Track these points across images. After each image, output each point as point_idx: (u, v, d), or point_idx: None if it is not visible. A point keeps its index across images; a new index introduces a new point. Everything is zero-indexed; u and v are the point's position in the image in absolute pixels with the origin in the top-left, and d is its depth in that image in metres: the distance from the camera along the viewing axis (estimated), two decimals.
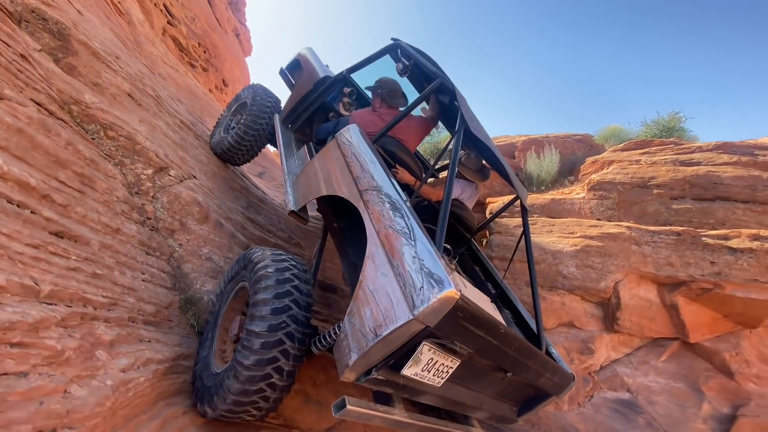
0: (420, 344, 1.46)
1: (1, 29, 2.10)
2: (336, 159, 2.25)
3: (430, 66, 2.56)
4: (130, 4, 6.50)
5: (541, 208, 4.55)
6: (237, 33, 12.40)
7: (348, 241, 2.35)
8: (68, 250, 1.60)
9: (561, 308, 3.65)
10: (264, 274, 1.83)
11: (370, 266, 1.64)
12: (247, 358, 1.62)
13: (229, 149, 3.52)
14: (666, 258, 3.64)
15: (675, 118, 6.97)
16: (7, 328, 0.97)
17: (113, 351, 1.52)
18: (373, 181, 1.95)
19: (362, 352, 1.45)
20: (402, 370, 1.50)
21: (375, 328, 1.46)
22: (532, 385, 2.19)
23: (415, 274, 1.46)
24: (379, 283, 1.56)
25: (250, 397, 1.65)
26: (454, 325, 1.47)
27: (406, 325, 1.39)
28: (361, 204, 1.90)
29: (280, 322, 1.68)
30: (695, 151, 4.99)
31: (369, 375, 1.49)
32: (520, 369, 1.93)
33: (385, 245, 1.64)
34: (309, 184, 2.43)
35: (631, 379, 3.63)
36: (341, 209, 2.44)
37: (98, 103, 2.43)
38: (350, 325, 1.57)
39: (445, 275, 1.42)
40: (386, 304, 1.47)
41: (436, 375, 1.63)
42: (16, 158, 1.60)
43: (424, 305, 1.35)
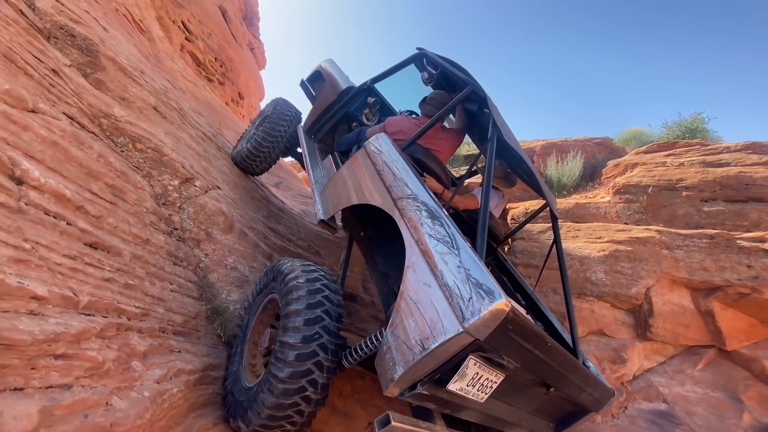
0: (466, 358, 1.39)
1: (33, 45, 2.16)
2: (366, 168, 2.22)
3: (459, 74, 2.52)
4: (150, 21, 6.69)
5: (566, 212, 4.45)
6: (251, 47, 12.65)
7: (376, 249, 2.32)
8: (102, 261, 1.60)
9: (590, 316, 3.53)
10: (295, 285, 1.80)
11: (411, 276, 1.59)
12: (281, 371, 1.59)
13: (247, 157, 3.56)
14: (699, 262, 3.50)
15: (697, 118, 6.79)
16: (52, 340, 0.96)
17: (147, 362, 1.50)
18: (407, 189, 1.91)
19: (408, 365, 1.39)
20: (447, 384, 1.43)
21: (422, 341, 1.39)
22: (572, 401, 2.10)
23: (462, 285, 1.40)
24: (422, 294, 1.50)
25: (285, 411, 1.61)
26: (502, 339, 1.41)
27: (456, 338, 1.32)
28: (396, 212, 1.86)
29: (314, 333, 1.65)
30: (723, 151, 4.84)
31: (413, 390, 1.43)
32: (563, 384, 1.86)
33: (426, 255, 1.59)
34: (338, 193, 2.41)
35: (667, 389, 3.48)
36: (368, 218, 2.43)
37: (126, 116, 2.47)
38: (393, 337, 1.51)
39: (494, 285, 1.36)
40: (432, 315, 1.41)
41: (480, 390, 1.57)
42: (52, 170, 1.62)
43: (475, 317, 1.29)
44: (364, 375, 2.77)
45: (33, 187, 1.44)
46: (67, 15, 2.73)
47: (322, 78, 3.77)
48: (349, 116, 3.52)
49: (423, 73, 2.83)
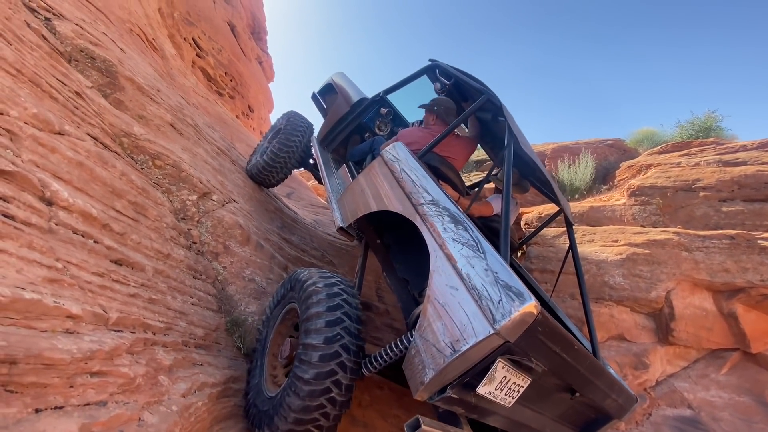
0: (495, 361, 1.40)
1: (57, 69, 2.24)
2: (384, 176, 2.24)
3: (473, 83, 2.56)
4: (163, 40, 6.88)
5: (580, 216, 4.41)
6: (260, 60, 12.87)
7: (394, 257, 2.35)
8: (127, 277, 1.64)
9: (609, 321, 3.48)
10: (314, 290, 1.85)
11: (437, 280, 1.59)
12: (306, 372, 1.62)
13: (263, 170, 3.62)
14: (720, 264, 3.43)
15: (711, 117, 6.67)
16: (88, 358, 0.99)
17: (173, 376, 1.53)
18: (427, 195, 1.93)
19: (439, 368, 1.40)
20: (477, 388, 1.43)
21: (452, 344, 1.39)
22: (596, 407, 2.08)
23: (491, 287, 1.41)
24: (449, 298, 1.51)
25: (311, 414, 1.62)
26: (532, 341, 1.42)
27: (487, 341, 1.33)
28: (417, 218, 1.88)
29: (335, 334, 1.68)
30: (739, 150, 4.75)
31: (443, 393, 1.43)
32: (588, 389, 1.85)
33: (451, 259, 1.59)
34: (356, 201, 2.43)
35: (692, 394, 3.40)
36: (384, 225, 2.46)
37: (145, 134, 2.54)
38: (422, 340, 1.51)
39: (523, 288, 1.37)
40: (461, 318, 1.42)
41: (507, 394, 1.56)
42: (79, 190, 1.67)
43: (506, 319, 1.30)
44: (382, 385, 2.76)
45: (62, 208, 1.48)
46: (87, 38, 2.82)
47: (333, 91, 3.84)
48: (361, 127, 3.57)
49: (436, 83, 2.87)
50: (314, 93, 4.13)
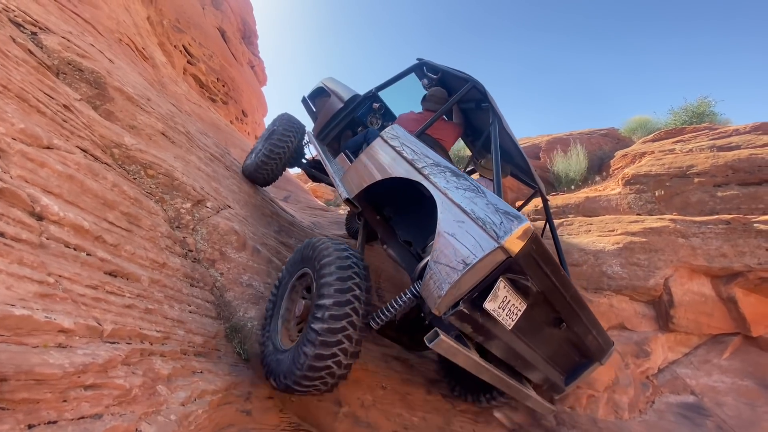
0: (498, 279, 1.63)
1: (44, 83, 2.23)
2: (385, 151, 2.49)
3: (458, 74, 2.84)
4: (153, 48, 6.86)
5: (576, 207, 4.41)
6: (252, 65, 12.85)
7: (396, 224, 2.60)
8: (122, 288, 1.64)
9: (609, 310, 3.48)
10: (327, 252, 2.06)
11: (445, 218, 1.83)
12: (321, 326, 1.81)
13: (257, 168, 3.78)
14: (717, 249, 3.44)
15: (704, 102, 6.67)
16: (81, 371, 0.99)
17: (172, 385, 1.53)
18: (428, 159, 2.20)
19: (453, 281, 1.61)
20: (483, 303, 1.65)
21: (464, 260, 1.61)
22: (580, 347, 2.38)
23: (493, 215, 1.67)
24: (457, 229, 1.74)
25: (325, 362, 1.81)
26: (528, 259, 1.65)
27: (492, 254, 1.56)
28: (422, 178, 2.11)
29: (348, 287, 1.89)
30: (732, 134, 4.76)
31: (456, 308, 1.63)
32: (573, 320, 2.12)
33: (456, 203, 1.85)
34: (360, 175, 2.61)
35: (694, 380, 3.41)
36: (383, 201, 2.72)
37: (137, 144, 2.53)
38: (436, 265, 1.73)
39: (519, 213, 1.62)
40: (469, 240, 1.65)
41: (508, 315, 1.79)
42: (69, 203, 1.67)
43: (508, 234, 1.55)
44: (385, 384, 2.77)
45: (53, 222, 1.48)
46: (74, 50, 2.81)
47: (323, 94, 4.07)
48: (354, 123, 3.78)
49: (423, 80, 3.17)
50: (304, 97, 4.35)
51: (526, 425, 3.02)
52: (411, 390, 2.91)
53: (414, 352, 3.02)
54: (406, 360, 3.36)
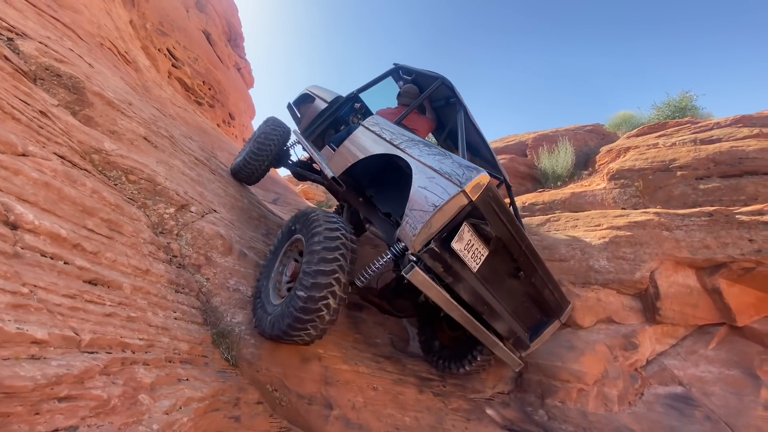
0: (463, 223, 1.94)
1: (19, 89, 2.18)
2: (367, 136, 2.79)
3: (429, 73, 3.25)
4: (136, 52, 6.76)
5: (562, 203, 4.45)
6: (238, 67, 12.75)
7: (377, 200, 2.86)
8: (103, 297, 1.61)
9: (597, 304, 3.52)
10: (318, 220, 2.30)
11: (418, 177, 2.12)
12: (312, 277, 2.05)
13: (243, 167, 4.03)
14: (701, 240, 3.49)
15: (686, 97, 6.79)
16: (54, 383, 0.97)
17: (155, 393, 1.50)
18: (404, 136, 2.51)
19: (425, 220, 1.90)
20: (451, 242, 1.93)
21: (433, 203, 1.91)
22: (539, 301, 2.66)
23: (458, 169, 2.00)
24: (428, 182, 2.04)
25: (311, 315, 2.05)
26: (486, 206, 1.97)
27: (457, 197, 1.88)
28: (399, 152, 2.39)
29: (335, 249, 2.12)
30: (713, 127, 4.84)
31: (428, 245, 1.90)
32: (530, 270, 2.40)
33: (427, 165, 2.14)
34: (344, 157, 2.87)
35: (682, 371, 3.45)
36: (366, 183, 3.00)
37: (117, 149, 2.49)
38: (411, 212, 2.01)
39: (480, 168, 1.96)
40: (437, 189, 1.96)
41: (473, 258, 2.07)
42: (46, 211, 1.64)
43: (469, 181, 1.89)
44: (376, 385, 2.76)
45: (28, 230, 1.45)
46: (52, 55, 2.76)
47: (308, 100, 4.38)
48: (338, 121, 4.00)
49: (399, 82, 3.61)
50: (290, 103, 4.62)
51: (518, 421, 3.04)
52: (403, 390, 2.91)
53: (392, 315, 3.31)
54: (399, 360, 3.36)
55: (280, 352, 2.47)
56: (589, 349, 3.24)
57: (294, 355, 2.51)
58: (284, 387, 2.38)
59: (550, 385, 3.09)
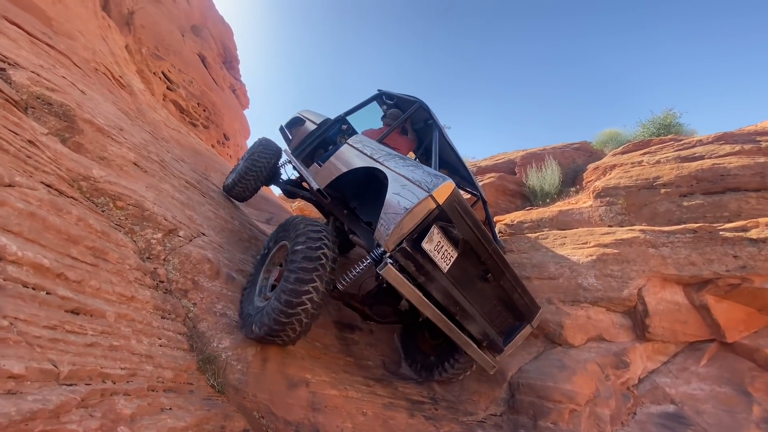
0: (432, 226, 2.11)
1: (9, 119, 2.21)
2: (350, 152, 3.01)
3: (409, 97, 3.59)
4: (131, 76, 6.87)
5: (550, 221, 4.49)
6: (233, 89, 12.93)
7: (360, 211, 3.00)
8: (84, 326, 1.60)
9: (587, 322, 3.52)
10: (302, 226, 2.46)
11: (393, 185, 2.30)
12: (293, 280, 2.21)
13: (234, 185, 4.19)
14: (686, 257, 3.53)
15: (669, 114, 6.95)
16: (29, 419, 0.96)
17: (135, 425, 1.49)
18: (383, 151, 2.73)
19: (397, 222, 2.06)
20: (422, 242, 2.10)
21: (405, 207, 2.09)
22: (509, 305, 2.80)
23: (427, 176, 2.21)
24: (401, 189, 2.23)
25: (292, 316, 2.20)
26: (452, 211, 2.15)
27: (425, 201, 2.07)
28: (377, 164, 2.59)
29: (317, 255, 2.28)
30: (696, 145, 4.95)
31: (400, 245, 2.07)
32: (498, 273, 2.55)
33: (401, 173, 2.35)
34: (330, 170, 3.08)
35: (673, 389, 3.44)
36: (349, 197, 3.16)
37: (106, 176, 2.52)
38: (385, 215, 2.18)
39: (446, 176, 2.18)
40: (408, 195, 2.15)
41: (443, 258, 2.23)
42: (29, 241, 1.65)
43: (436, 188, 2.09)
44: (366, 410, 2.73)
45: (11, 262, 1.46)
46: (43, 84, 2.81)
47: (298, 123, 4.61)
48: (326, 141, 4.21)
49: (383, 106, 3.96)
50: (281, 126, 4.84)
51: None
52: (393, 414, 2.88)
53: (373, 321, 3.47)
54: (390, 383, 3.33)
55: (267, 377, 2.44)
56: (581, 369, 3.23)
57: (281, 380, 2.49)
58: (271, 414, 2.35)
59: (543, 406, 3.07)
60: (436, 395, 3.44)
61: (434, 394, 3.44)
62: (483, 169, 6.64)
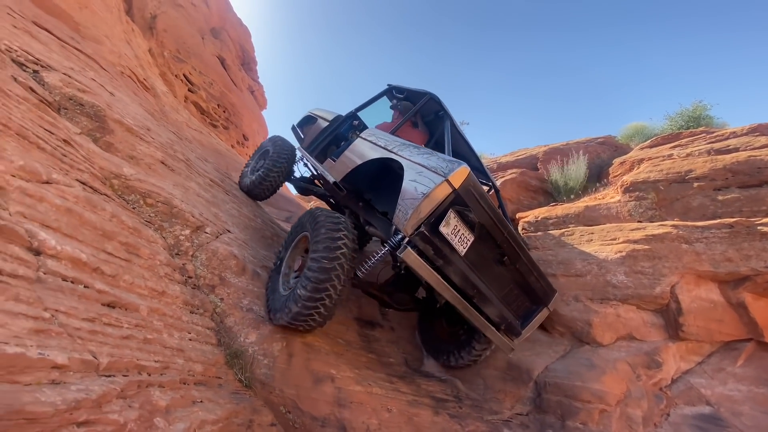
0: (449, 210, 2.16)
1: (44, 119, 2.28)
2: (364, 145, 3.05)
3: (419, 90, 3.58)
4: (154, 79, 7.03)
5: (576, 217, 4.38)
6: (251, 90, 13.11)
7: (375, 202, 3.05)
8: (120, 319, 1.64)
9: (616, 321, 3.42)
10: (323, 218, 2.51)
11: (409, 173, 2.33)
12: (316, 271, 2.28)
13: (258, 185, 4.23)
14: (722, 253, 3.38)
15: (699, 106, 6.68)
16: (74, 408, 0.98)
17: (170, 417, 1.51)
18: (397, 142, 2.77)
19: (415, 206, 2.11)
20: (439, 227, 2.15)
21: (422, 192, 2.14)
22: (526, 288, 2.83)
23: (442, 163, 2.26)
24: (417, 176, 2.27)
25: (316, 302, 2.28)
26: (468, 195, 2.20)
27: (442, 186, 2.11)
28: (392, 155, 2.62)
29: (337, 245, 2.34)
30: (729, 137, 4.74)
31: (419, 229, 2.12)
32: (514, 256, 2.58)
33: (416, 161, 2.38)
34: (344, 164, 3.12)
35: (709, 390, 3.31)
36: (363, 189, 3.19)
37: (136, 174, 2.57)
38: (403, 201, 2.23)
39: (461, 161, 2.21)
40: (425, 180, 2.19)
41: (460, 242, 2.27)
42: (67, 236, 1.69)
43: (452, 172, 2.13)
44: (391, 407, 2.71)
45: (50, 256, 1.50)
46: (75, 86, 2.89)
47: (310, 122, 4.69)
48: (338, 138, 4.24)
49: (393, 100, 3.95)
50: (293, 125, 4.90)
51: None
52: (418, 411, 2.85)
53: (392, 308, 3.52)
54: (413, 380, 3.30)
55: (293, 372, 2.46)
56: (611, 368, 3.13)
57: (307, 375, 2.50)
58: (297, 409, 2.36)
59: (571, 406, 2.99)
60: (460, 393, 3.40)
61: (458, 393, 3.40)
62: (503, 165, 6.52)
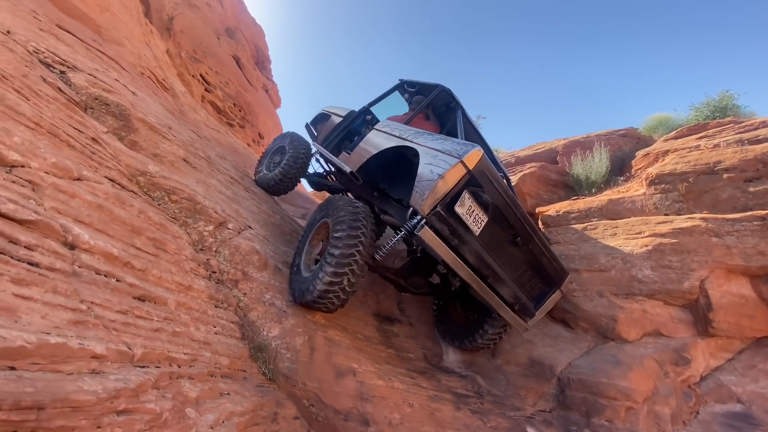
0: (464, 191, 2.25)
1: (73, 118, 2.34)
2: (378, 136, 3.15)
3: (431, 83, 3.69)
4: (173, 79, 7.15)
5: (599, 210, 4.28)
6: (266, 88, 13.23)
7: (390, 189, 3.13)
8: (150, 312, 1.67)
9: (643, 316, 3.33)
10: (342, 206, 2.61)
11: (424, 158, 2.42)
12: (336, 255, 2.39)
13: (279, 181, 4.36)
14: (754, 246, 3.26)
15: (726, 96, 6.41)
16: (114, 397, 1.00)
17: (200, 408, 1.53)
18: (411, 130, 2.86)
19: (431, 187, 2.19)
20: (454, 206, 2.24)
21: (437, 173, 2.22)
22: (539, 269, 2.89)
23: (456, 146, 2.35)
24: (432, 159, 2.36)
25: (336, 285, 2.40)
26: (482, 176, 2.28)
27: (456, 167, 2.20)
28: (407, 143, 2.71)
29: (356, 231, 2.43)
30: (759, 126, 4.55)
31: (435, 209, 2.20)
32: (526, 237, 2.66)
33: (431, 147, 2.47)
34: (360, 154, 3.21)
35: (740, 387, 3.20)
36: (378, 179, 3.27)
37: (160, 171, 2.62)
38: (419, 183, 2.31)
39: (475, 144, 2.30)
40: (440, 163, 2.28)
41: (474, 222, 2.36)
42: (99, 232, 1.73)
43: (466, 154, 2.23)
44: (412, 402, 2.71)
45: (84, 250, 1.53)
46: (100, 86, 2.96)
47: (323, 119, 4.77)
48: (351, 133, 4.35)
49: (405, 95, 4.05)
50: (307, 123, 4.98)
51: None
52: (439, 406, 2.84)
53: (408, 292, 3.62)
54: (433, 375, 3.29)
55: (316, 366, 2.47)
56: (637, 365, 3.06)
57: (329, 369, 2.51)
58: (320, 402, 2.37)
59: (596, 403, 2.94)
60: (481, 389, 3.37)
61: (479, 388, 3.37)
62: (522, 159, 6.42)
